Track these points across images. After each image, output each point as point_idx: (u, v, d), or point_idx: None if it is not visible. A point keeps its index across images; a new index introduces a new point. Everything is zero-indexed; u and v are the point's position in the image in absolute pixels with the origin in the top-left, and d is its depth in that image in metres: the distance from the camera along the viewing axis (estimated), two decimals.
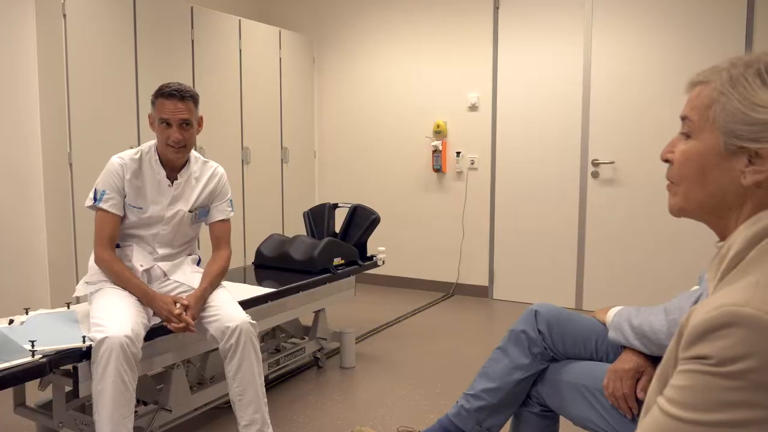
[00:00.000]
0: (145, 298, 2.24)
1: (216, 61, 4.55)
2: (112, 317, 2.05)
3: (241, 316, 2.25)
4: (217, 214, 2.55)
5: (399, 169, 5.34)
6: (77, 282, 3.64)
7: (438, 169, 5.09)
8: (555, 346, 1.70)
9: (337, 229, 3.71)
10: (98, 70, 3.74)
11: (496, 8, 4.78)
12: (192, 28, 4.35)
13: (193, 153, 2.51)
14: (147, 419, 2.31)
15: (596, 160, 4.51)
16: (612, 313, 1.63)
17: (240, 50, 4.78)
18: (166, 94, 2.29)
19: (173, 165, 2.42)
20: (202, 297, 2.31)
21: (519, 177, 4.82)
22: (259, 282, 3.12)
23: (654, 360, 1.50)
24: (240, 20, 4.78)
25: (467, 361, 3.52)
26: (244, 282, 3.09)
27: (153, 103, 2.34)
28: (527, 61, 4.71)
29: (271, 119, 5.15)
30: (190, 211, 2.47)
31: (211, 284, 2.38)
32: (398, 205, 5.32)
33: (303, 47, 5.48)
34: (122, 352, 1.96)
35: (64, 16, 3.55)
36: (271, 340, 3.34)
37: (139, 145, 3.95)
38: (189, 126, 2.34)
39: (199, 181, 2.50)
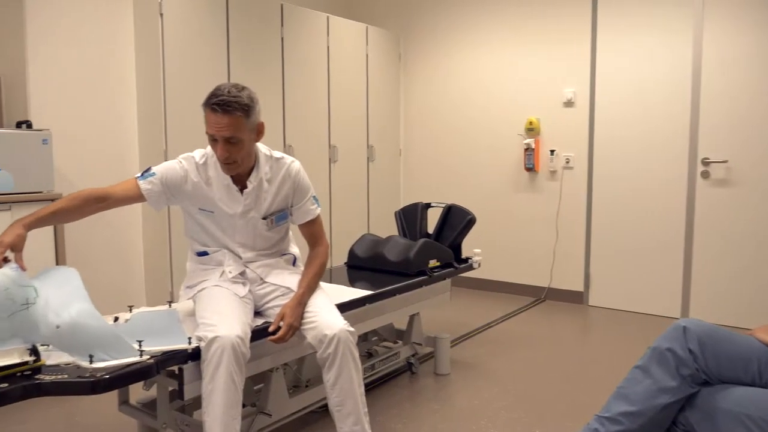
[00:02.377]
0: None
1: (304, 58, 4.51)
2: (222, 317, 1.99)
3: (340, 324, 2.13)
4: (304, 216, 2.38)
5: (488, 168, 5.15)
6: (172, 278, 3.68)
7: (530, 168, 4.87)
8: (708, 367, 1.50)
9: (430, 229, 3.58)
10: (193, 68, 3.76)
11: None
12: (282, 25, 4.32)
13: (263, 151, 2.28)
14: (246, 422, 2.24)
15: (707, 159, 4.18)
16: None
17: (328, 47, 4.72)
18: (211, 104, 2.06)
19: (241, 172, 2.23)
20: (300, 304, 2.20)
21: (619, 176, 4.54)
22: (352, 283, 3.02)
23: None
24: (328, 17, 4.72)
25: (569, 374, 3.31)
26: (332, 282, 2.99)
27: (204, 111, 2.11)
28: (629, 52, 4.42)
29: (357, 117, 5.07)
30: (263, 218, 2.30)
31: (309, 288, 2.27)
32: (487, 206, 5.13)
33: (389, 43, 5.38)
34: (233, 352, 1.90)
35: (161, 15, 3.58)
36: (363, 343, 3.24)
37: None
38: (236, 142, 2.08)
39: (272, 183, 2.28)
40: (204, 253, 2.32)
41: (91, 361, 1.74)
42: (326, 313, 2.18)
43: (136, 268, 3.82)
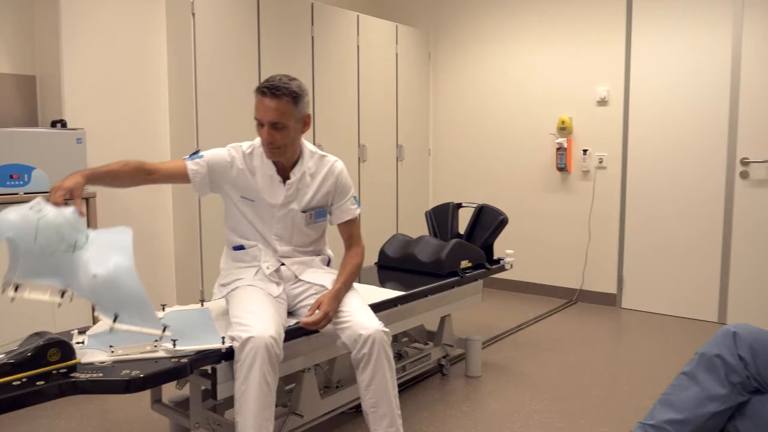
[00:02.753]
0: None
1: (334, 57, 4.50)
2: (255, 317, 1.97)
3: (375, 324, 2.11)
4: (343, 215, 2.39)
5: (519, 167, 5.08)
6: (202, 276, 3.69)
7: (562, 168, 4.79)
8: (761, 375, 1.44)
9: (461, 229, 3.53)
10: (224, 67, 3.77)
11: None
12: (312, 24, 4.32)
13: (308, 147, 2.32)
14: (278, 423, 2.22)
15: (746, 158, 4.06)
16: None
17: (358, 46, 4.70)
18: (261, 89, 2.12)
19: (284, 162, 2.27)
20: (337, 297, 2.18)
21: (654, 176, 4.44)
22: (383, 284, 3.00)
23: None
24: (358, 16, 4.70)
25: (603, 379, 3.24)
26: (362, 282, 2.96)
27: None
28: (665, 48, 4.32)
29: (387, 116, 5.05)
30: (303, 211, 2.30)
31: (345, 284, 2.26)
32: (518, 206, 5.06)
33: (419, 42, 5.34)
34: (267, 352, 1.88)
35: (193, 15, 3.59)
36: (393, 344, 3.20)
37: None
38: (282, 128, 2.13)
39: (315, 178, 2.31)
40: (240, 247, 2.31)
41: (114, 320, 1.75)
42: (361, 313, 2.15)
43: (166, 266, 3.84)
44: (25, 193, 2.90)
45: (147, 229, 3.73)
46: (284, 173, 2.26)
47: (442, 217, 3.57)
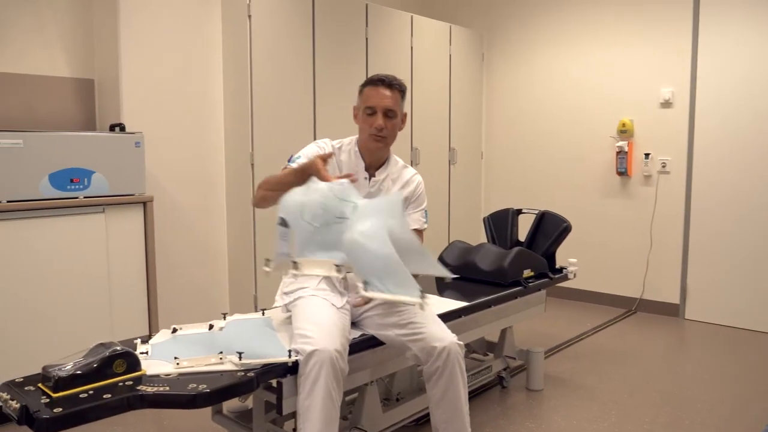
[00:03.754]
0: (299, 175, 1.99)
1: (388, 58, 4.42)
2: (320, 329, 1.90)
3: (449, 337, 2.02)
4: (412, 224, 2.33)
5: (576, 172, 4.91)
6: (256, 283, 3.65)
7: (622, 173, 4.61)
8: None
9: (521, 236, 3.41)
10: (279, 69, 3.72)
11: None
12: (366, 25, 4.25)
13: (394, 156, 2.38)
14: None
15: None
16: None
17: (411, 47, 4.62)
18: (374, 81, 2.22)
19: (373, 161, 2.29)
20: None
21: (721, 181, 4.22)
22: (441, 292, 2.90)
23: None
24: (412, 16, 4.62)
25: (671, 395, 3.08)
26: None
27: (360, 92, 2.27)
28: (735, 48, 4.11)
29: (439, 119, 4.95)
30: None
31: None
32: (575, 211, 4.85)
33: (472, 43, 5.22)
34: (331, 367, 1.81)
35: (249, 17, 3.55)
36: None
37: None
38: (393, 116, 2.21)
39: (396, 183, 2.35)
40: None
41: (365, 287, 1.78)
42: (433, 324, 2.08)
43: (219, 270, 3.82)
44: (84, 197, 2.90)
45: (201, 235, 3.71)
46: (369, 172, 2.30)
47: (501, 223, 3.45)
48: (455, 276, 2.01)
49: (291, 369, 1.87)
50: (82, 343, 2.87)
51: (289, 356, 1.86)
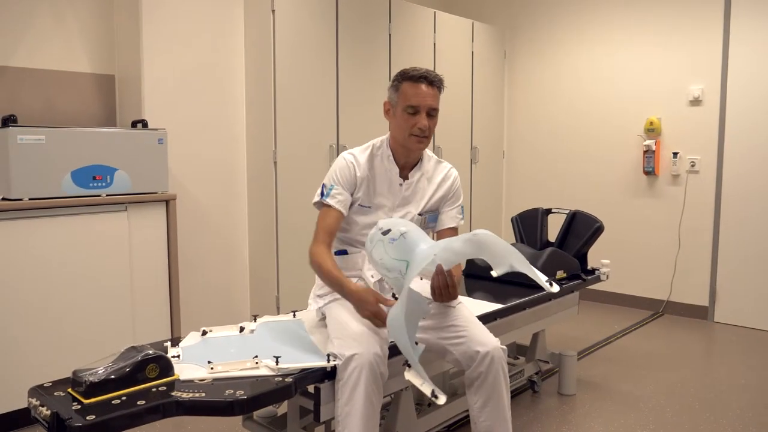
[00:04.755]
0: (350, 297, 1.93)
1: (411, 54, 4.33)
2: (358, 333, 1.82)
3: (493, 341, 1.94)
4: (447, 221, 2.25)
5: (601, 171, 4.80)
6: (278, 285, 3.58)
7: (650, 172, 4.50)
8: None
9: (550, 236, 3.32)
10: (302, 65, 3.65)
11: None
12: (390, 21, 4.16)
13: (427, 151, 2.24)
14: None
15: None
16: None
17: (434, 44, 4.53)
18: (415, 77, 2.04)
19: (406, 162, 2.16)
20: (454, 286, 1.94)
21: (752, 181, 4.11)
22: (470, 293, 2.82)
23: None
24: (435, 12, 4.53)
25: (710, 402, 2.98)
26: None
27: (396, 88, 2.07)
28: (767, 47, 4.01)
29: (462, 117, 4.86)
30: (420, 214, 2.19)
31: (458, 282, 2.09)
32: (600, 212, 4.66)
33: (494, 40, 5.13)
34: (371, 371, 1.73)
35: (273, 12, 3.48)
36: None
37: (338, 141, 3.84)
38: (435, 115, 2.08)
39: (432, 181, 2.22)
40: (343, 252, 2.17)
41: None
42: (475, 327, 1.99)
43: (240, 271, 3.74)
44: (107, 195, 2.83)
45: (223, 237, 3.63)
46: (403, 174, 2.17)
47: (530, 223, 3.36)
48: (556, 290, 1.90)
49: (329, 374, 1.79)
50: (103, 343, 2.82)
51: (328, 360, 1.78)
